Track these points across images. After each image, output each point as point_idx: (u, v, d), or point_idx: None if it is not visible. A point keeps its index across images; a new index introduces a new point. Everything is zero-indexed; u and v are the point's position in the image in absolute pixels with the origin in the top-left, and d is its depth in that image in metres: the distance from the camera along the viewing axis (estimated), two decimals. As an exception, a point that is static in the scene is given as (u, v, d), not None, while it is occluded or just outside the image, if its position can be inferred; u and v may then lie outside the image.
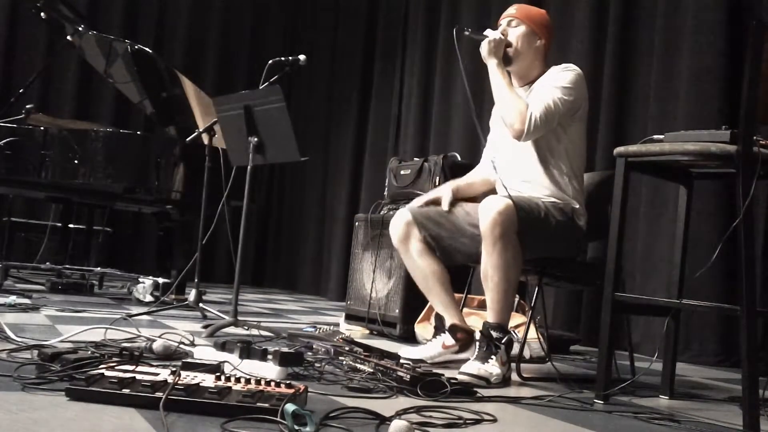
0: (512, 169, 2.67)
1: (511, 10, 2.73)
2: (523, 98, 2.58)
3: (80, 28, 4.58)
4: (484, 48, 2.63)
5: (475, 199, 2.79)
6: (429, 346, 2.74)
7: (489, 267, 2.39)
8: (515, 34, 2.68)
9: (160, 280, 4.28)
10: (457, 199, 2.79)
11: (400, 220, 2.76)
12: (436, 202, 2.80)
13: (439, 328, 2.78)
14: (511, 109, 2.54)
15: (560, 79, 2.59)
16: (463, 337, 2.71)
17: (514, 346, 2.49)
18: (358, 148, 6.80)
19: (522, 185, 2.63)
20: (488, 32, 2.66)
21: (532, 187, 2.62)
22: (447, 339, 2.71)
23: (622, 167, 2.24)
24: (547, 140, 2.61)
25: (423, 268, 2.74)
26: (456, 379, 2.16)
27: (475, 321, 3.04)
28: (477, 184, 2.90)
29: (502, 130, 2.73)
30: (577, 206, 2.64)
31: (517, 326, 3.10)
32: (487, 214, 2.36)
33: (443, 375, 2.08)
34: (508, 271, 2.38)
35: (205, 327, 3.16)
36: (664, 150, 2.15)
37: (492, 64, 2.62)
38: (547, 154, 2.62)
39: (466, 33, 2.65)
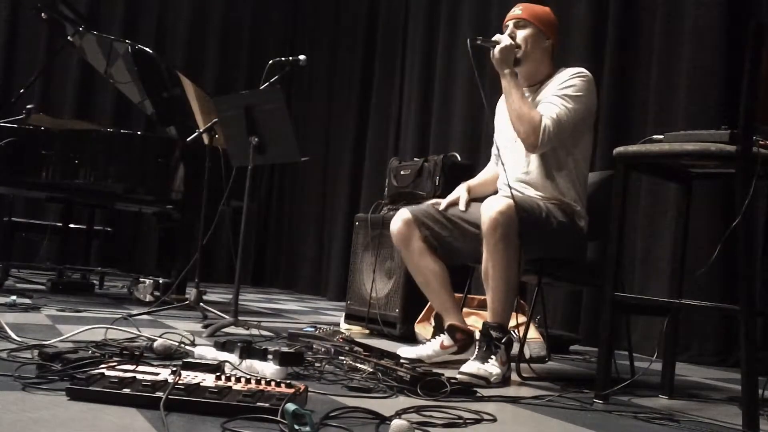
0: (514, 170, 2.67)
1: (517, 10, 2.68)
2: (536, 110, 2.54)
3: (81, 29, 4.58)
4: (495, 56, 2.59)
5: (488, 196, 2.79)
6: (427, 345, 2.73)
7: (489, 267, 2.39)
8: (522, 35, 2.64)
9: (161, 280, 4.28)
10: (472, 199, 2.77)
11: (400, 220, 2.75)
12: (453, 203, 2.77)
13: (439, 328, 2.77)
14: (524, 122, 2.52)
15: (570, 87, 2.56)
16: (462, 338, 2.70)
17: (514, 346, 2.49)
18: (358, 148, 6.80)
19: (523, 185, 2.63)
20: (497, 37, 2.61)
21: (533, 187, 2.62)
22: (446, 339, 2.71)
23: (622, 167, 2.24)
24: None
25: (423, 268, 2.73)
26: (456, 378, 2.16)
27: (475, 321, 3.05)
28: (489, 181, 2.88)
29: (504, 129, 2.72)
30: (578, 208, 2.63)
31: (517, 326, 3.09)
32: (488, 214, 2.36)
33: (443, 375, 2.08)
34: (508, 271, 2.38)
35: (206, 327, 3.16)
36: (663, 150, 2.15)
37: (505, 73, 2.58)
38: (550, 155, 2.61)
39: (478, 42, 2.60)
